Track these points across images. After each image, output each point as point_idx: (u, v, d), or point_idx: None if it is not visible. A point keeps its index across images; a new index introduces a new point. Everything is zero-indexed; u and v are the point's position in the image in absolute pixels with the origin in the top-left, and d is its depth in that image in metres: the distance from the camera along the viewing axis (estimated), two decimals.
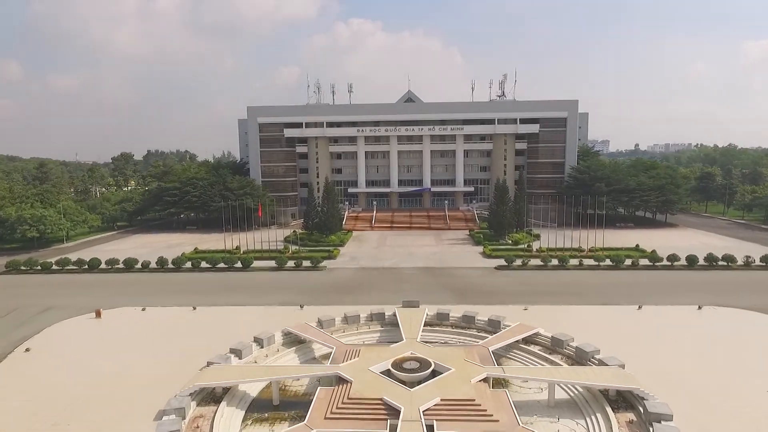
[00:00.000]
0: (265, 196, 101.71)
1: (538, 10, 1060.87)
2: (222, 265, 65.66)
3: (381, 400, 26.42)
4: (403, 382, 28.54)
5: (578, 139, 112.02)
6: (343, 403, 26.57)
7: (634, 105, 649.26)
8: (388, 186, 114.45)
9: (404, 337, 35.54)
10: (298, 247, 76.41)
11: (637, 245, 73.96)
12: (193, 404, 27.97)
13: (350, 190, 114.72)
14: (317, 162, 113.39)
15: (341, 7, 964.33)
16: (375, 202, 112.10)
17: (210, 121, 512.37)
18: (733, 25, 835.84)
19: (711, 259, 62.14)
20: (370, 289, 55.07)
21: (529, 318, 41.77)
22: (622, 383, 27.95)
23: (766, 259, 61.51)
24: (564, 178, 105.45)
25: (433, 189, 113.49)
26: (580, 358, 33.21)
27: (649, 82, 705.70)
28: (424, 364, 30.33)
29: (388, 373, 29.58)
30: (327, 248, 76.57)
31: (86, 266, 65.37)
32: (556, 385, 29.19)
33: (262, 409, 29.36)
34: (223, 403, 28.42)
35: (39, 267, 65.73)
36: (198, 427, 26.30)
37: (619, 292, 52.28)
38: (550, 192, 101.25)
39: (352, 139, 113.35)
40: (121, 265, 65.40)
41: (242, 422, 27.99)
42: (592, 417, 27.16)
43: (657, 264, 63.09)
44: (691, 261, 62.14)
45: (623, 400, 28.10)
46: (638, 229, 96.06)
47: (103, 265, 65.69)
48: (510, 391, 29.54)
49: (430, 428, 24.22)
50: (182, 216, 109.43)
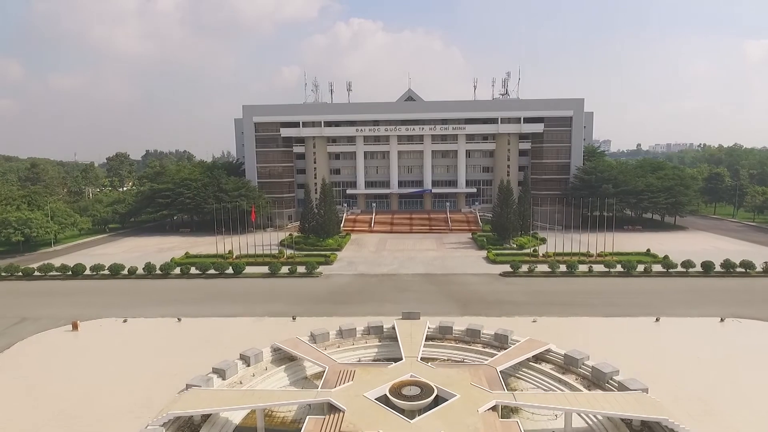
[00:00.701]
0: (261, 197, 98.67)
1: (539, 11, 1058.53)
2: (212, 271, 62.46)
3: None
4: (402, 411, 25.44)
5: (583, 138, 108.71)
6: None
7: (635, 105, 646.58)
8: (387, 187, 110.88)
9: (403, 356, 32.41)
10: (293, 252, 73.22)
11: (648, 250, 70.72)
12: None
13: (349, 191, 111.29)
14: (315, 162, 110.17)
15: (342, 7, 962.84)
16: (374, 204, 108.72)
17: (210, 121, 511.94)
18: (736, 24, 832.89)
19: (728, 266, 58.78)
20: (367, 298, 51.87)
21: (538, 331, 38.94)
22: (649, 413, 24.73)
23: None
24: (569, 179, 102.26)
25: (434, 190, 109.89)
26: (597, 379, 30.12)
27: (649, 82, 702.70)
28: (425, 389, 27.19)
29: (385, 400, 26.45)
30: (323, 253, 73.39)
31: (70, 272, 62.13)
32: (573, 413, 26.07)
33: None
34: None
35: (20, 273, 62.44)
36: None
37: (633, 301, 49.09)
38: (555, 193, 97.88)
39: (351, 139, 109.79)
40: (107, 271, 62.11)
41: None
42: None
43: (671, 270, 59.77)
44: (707, 267, 58.77)
45: (648, 429, 25.07)
46: (647, 232, 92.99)
47: (87, 271, 62.45)
48: (521, 418, 26.88)
49: None
50: (176, 218, 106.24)
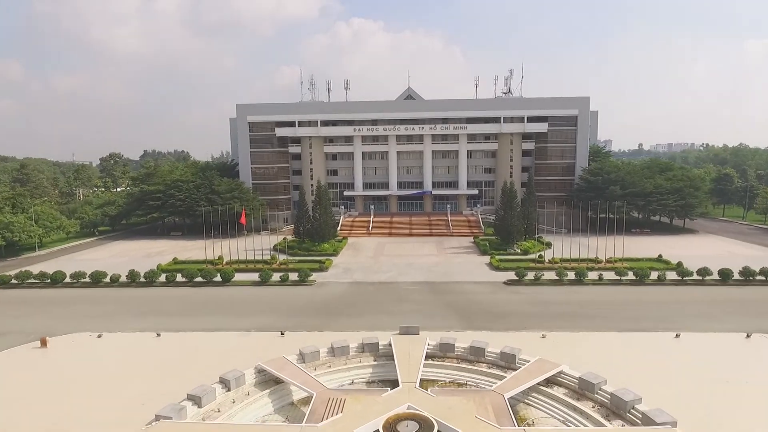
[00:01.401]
0: (255, 199, 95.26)
1: (539, 11, 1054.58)
2: (199, 279, 58.95)
3: None
4: None
5: (588, 138, 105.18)
6: None
7: (636, 104, 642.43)
8: (386, 189, 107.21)
9: (400, 381, 29.00)
10: (286, 257, 69.73)
11: (660, 255, 67.20)
12: None
13: (346, 193, 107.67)
14: (311, 163, 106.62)
15: (342, 7, 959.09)
16: (372, 206, 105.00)
17: (210, 121, 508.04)
18: (738, 24, 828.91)
19: (747, 273, 55.22)
20: (363, 310, 48.35)
21: (548, 348, 35.69)
22: None
23: None
24: (575, 180, 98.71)
25: (434, 192, 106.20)
26: (617, 407, 26.64)
27: (650, 81, 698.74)
28: (424, 425, 23.79)
29: None
30: (318, 258, 69.89)
31: (49, 280, 58.59)
32: None
33: None
34: None
35: None
36: None
37: (648, 313, 45.58)
38: (560, 195, 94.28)
39: (349, 139, 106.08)
40: (88, 279, 58.61)
41: None
42: None
43: (686, 278, 56.25)
44: (725, 275, 55.19)
45: None
46: (656, 235, 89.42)
47: (68, 279, 58.97)
48: None
49: None
50: (167, 220, 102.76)
